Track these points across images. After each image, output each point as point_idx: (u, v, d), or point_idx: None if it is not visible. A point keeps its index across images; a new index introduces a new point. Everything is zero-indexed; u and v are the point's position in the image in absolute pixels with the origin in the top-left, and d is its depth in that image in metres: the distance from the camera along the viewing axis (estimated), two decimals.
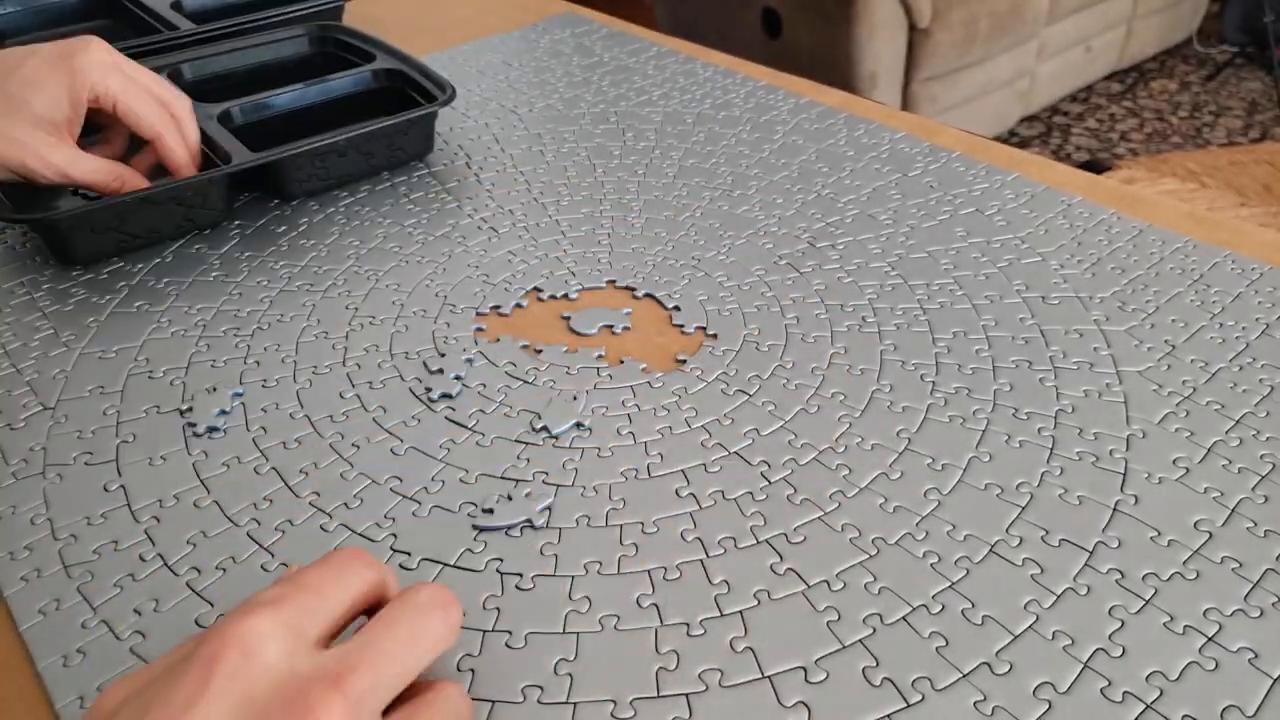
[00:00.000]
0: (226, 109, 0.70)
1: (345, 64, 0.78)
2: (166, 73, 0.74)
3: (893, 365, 0.51)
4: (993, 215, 0.63)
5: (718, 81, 0.83)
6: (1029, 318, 0.54)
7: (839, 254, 0.60)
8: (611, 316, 0.56)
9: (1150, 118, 2.78)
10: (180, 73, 0.76)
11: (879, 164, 0.70)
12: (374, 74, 0.75)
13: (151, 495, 0.45)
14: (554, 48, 0.92)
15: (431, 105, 0.70)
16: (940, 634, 0.38)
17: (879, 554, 0.41)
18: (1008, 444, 0.46)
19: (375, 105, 0.74)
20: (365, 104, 0.74)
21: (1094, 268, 0.58)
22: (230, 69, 0.78)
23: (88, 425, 0.49)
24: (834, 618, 0.38)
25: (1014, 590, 0.39)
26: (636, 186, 0.69)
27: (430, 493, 0.45)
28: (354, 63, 0.77)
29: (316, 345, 0.54)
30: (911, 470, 0.45)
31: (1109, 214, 0.62)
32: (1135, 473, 0.44)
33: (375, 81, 0.75)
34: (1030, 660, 0.37)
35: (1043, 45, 2.51)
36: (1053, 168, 0.68)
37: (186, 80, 0.76)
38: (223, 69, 0.78)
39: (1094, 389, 0.49)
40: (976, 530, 0.42)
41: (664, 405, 0.49)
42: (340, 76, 0.75)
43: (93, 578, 0.41)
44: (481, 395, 0.50)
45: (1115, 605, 0.39)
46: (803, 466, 0.45)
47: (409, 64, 0.75)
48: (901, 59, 2.20)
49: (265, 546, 0.42)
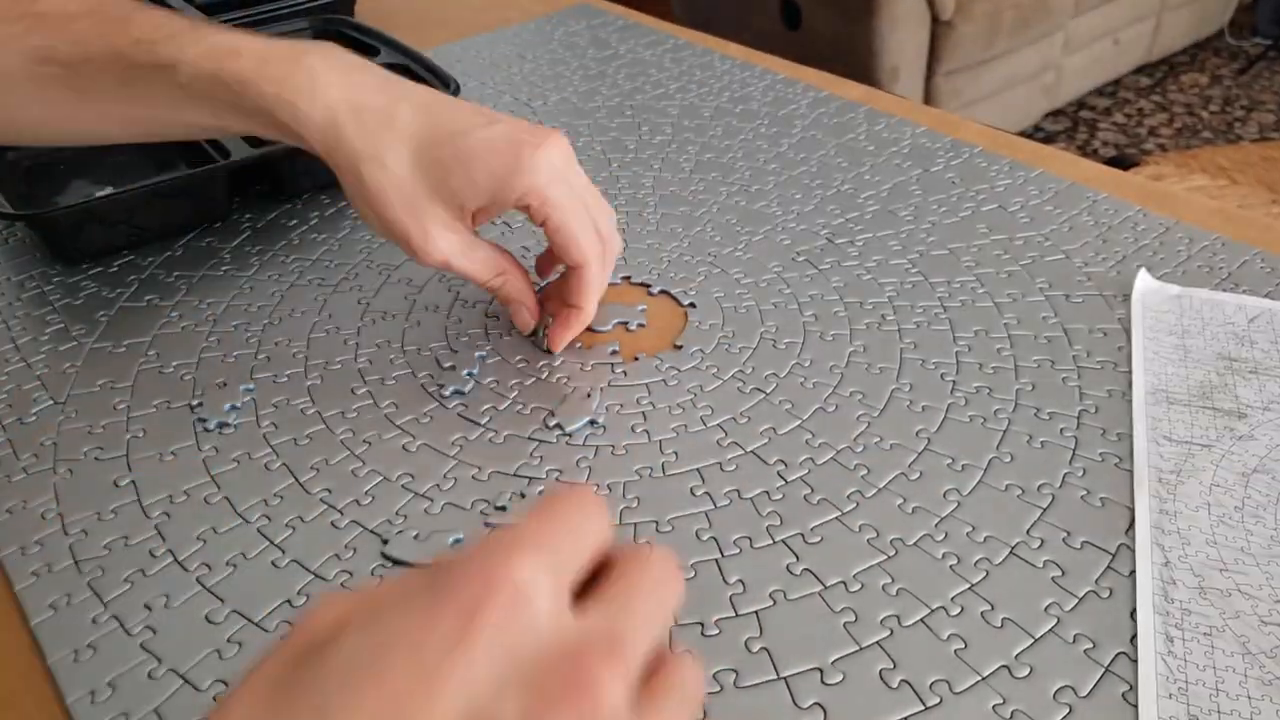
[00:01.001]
0: None
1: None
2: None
3: (913, 364, 0.52)
4: (1016, 212, 0.63)
5: (735, 74, 0.83)
6: (1052, 316, 0.54)
7: (858, 251, 0.60)
8: (627, 313, 0.56)
9: (1180, 112, 2.76)
10: None
11: (900, 159, 0.70)
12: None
13: (162, 491, 0.46)
14: (569, 40, 0.92)
15: None
16: (959, 636, 0.38)
17: (897, 555, 0.41)
18: (1029, 444, 0.46)
19: None
20: None
21: (1119, 266, 0.58)
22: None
23: (98, 420, 0.50)
24: (851, 619, 0.39)
25: (1034, 592, 0.39)
26: (652, 182, 0.69)
27: (443, 490, 0.45)
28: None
29: (328, 340, 0.55)
30: (931, 470, 0.45)
31: (1135, 211, 0.62)
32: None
33: None
34: (1051, 663, 0.37)
35: (1069, 38, 2.50)
36: (1078, 163, 0.68)
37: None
38: None
39: (1118, 389, 0.49)
40: (997, 532, 0.42)
41: (679, 403, 0.50)
42: None
43: (103, 573, 0.42)
44: (495, 392, 0.51)
45: (1137, 609, 0.39)
46: (820, 466, 0.46)
47: (414, 59, 0.75)
48: (924, 51, 2.20)
49: (276, 543, 0.43)
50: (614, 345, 0.54)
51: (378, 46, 0.78)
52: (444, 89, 0.71)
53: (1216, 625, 0.38)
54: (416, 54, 0.75)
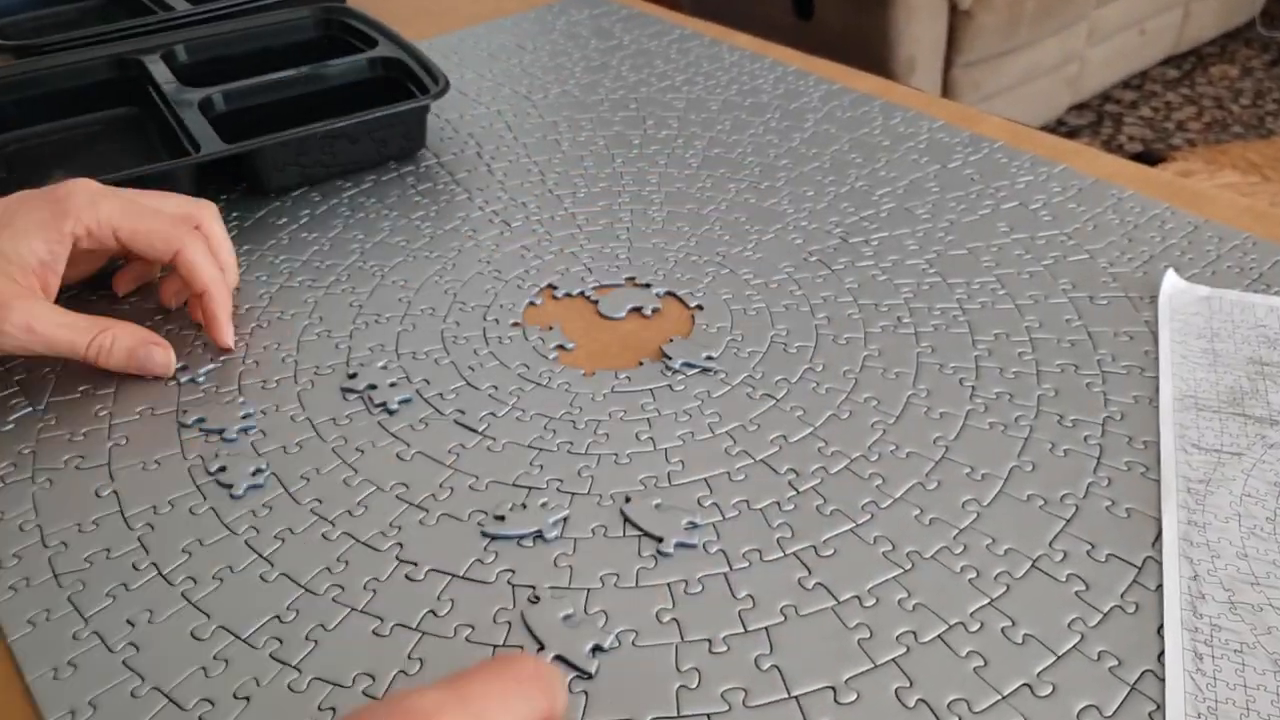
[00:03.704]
0: (208, 95, 0.71)
1: (350, 49, 0.78)
2: (160, 54, 0.76)
3: (930, 369, 0.52)
4: (1038, 209, 0.63)
5: (745, 66, 0.84)
6: (1075, 319, 0.54)
7: (873, 250, 0.60)
8: (642, 297, 0.57)
9: (1209, 106, 2.76)
10: (174, 54, 0.77)
11: (916, 154, 0.70)
12: (370, 63, 0.76)
13: (145, 501, 0.46)
14: (570, 30, 0.92)
15: (413, 101, 0.70)
16: (978, 653, 0.38)
17: (914, 568, 0.41)
18: (1052, 453, 0.46)
19: (372, 96, 0.73)
20: (363, 94, 0.74)
21: (1145, 266, 0.58)
22: (228, 53, 0.79)
23: (79, 427, 0.50)
24: (865, 635, 0.39)
25: (1057, 608, 0.39)
26: (658, 178, 0.69)
27: (438, 500, 0.45)
28: (358, 49, 0.78)
29: (319, 344, 0.55)
30: (949, 480, 0.45)
31: (1163, 209, 0.62)
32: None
33: (371, 71, 0.76)
34: (1074, 682, 0.37)
35: (1093, 28, 2.50)
36: (1103, 159, 0.69)
37: (181, 62, 0.77)
38: (220, 52, 0.78)
39: (1144, 395, 0.49)
40: (1018, 544, 0.42)
41: (686, 409, 0.50)
42: (333, 64, 0.75)
43: (84, 587, 0.42)
44: (493, 398, 0.51)
45: (1164, 625, 0.39)
46: (833, 475, 0.46)
47: (409, 53, 0.75)
48: (941, 42, 2.20)
49: (264, 555, 0.43)
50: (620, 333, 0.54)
51: (376, 39, 0.78)
52: (434, 85, 0.71)
53: (1248, 642, 0.38)
54: (413, 49, 0.75)
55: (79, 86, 0.75)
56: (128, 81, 0.75)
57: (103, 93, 0.76)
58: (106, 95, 0.76)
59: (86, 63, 0.75)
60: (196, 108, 0.69)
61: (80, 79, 0.75)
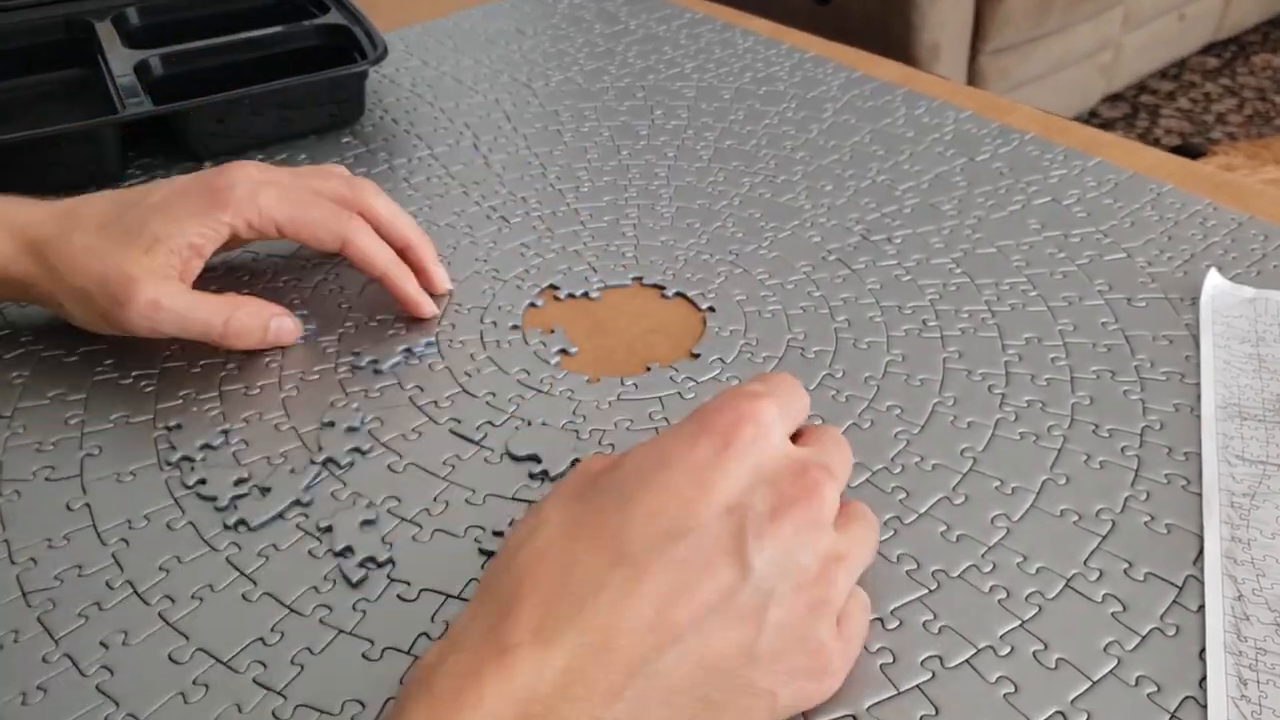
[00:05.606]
0: (145, 59, 0.73)
1: (306, 16, 0.81)
2: (110, 18, 0.78)
3: (957, 375, 0.51)
4: (1071, 205, 0.63)
5: (759, 52, 0.84)
6: (1112, 322, 0.54)
7: (896, 249, 0.60)
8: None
9: (1251, 97, 2.76)
10: (125, 17, 0.79)
11: (942, 147, 0.70)
12: (316, 29, 0.79)
13: (120, 515, 0.46)
14: (573, 13, 0.92)
15: (347, 68, 0.73)
16: (1008, 679, 0.38)
17: (940, 588, 0.41)
18: (1086, 465, 0.46)
19: (321, 64, 0.75)
20: (311, 62, 0.76)
21: (1186, 265, 0.57)
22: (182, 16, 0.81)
23: (49, 436, 0.50)
24: (888, 660, 0.39)
25: (1092, 630, 0.39)
26: (666, 171, 0.69)
27: (432, 515, 0.45)
28: (313, 15, 0.81)
29: (305, 348, 0.55)
30: (977, 494, 0.45)
31: (1205, 205, 0.62)
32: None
33: (317, 38, 0.79)
34: (1111, 709, 0.37)
35: (1129, 13, 2.50)
36: (1141, 152, 0.68)
37: (133, 25, 0.79)
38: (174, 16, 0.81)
39: (1185, 403, 0.49)
40: (1051, 562, 0.42)
41: None
42: (274, 31, 0.78)
43: (54, 606, 0.42)
44: (490, 406, 0.51)
45: (1206, 648, 0.38)
46: (854, 489, 0.46)
47: (357, 20, 0.78)
48: (968, 27, 2.20)
49: (246, 573, 0.43)
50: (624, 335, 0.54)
51: (328, 5, 0.81)
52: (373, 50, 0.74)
53: None
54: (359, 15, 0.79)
55: (30, 46, 0.79)
56: (78, 43, 0.78)
57: (53, 54, 0.79)
58: (57, 56, 0.79)
59: (37, 22, 0.79)
60: (133, 71, 0.71)
61: (31, 38, 0.79)
